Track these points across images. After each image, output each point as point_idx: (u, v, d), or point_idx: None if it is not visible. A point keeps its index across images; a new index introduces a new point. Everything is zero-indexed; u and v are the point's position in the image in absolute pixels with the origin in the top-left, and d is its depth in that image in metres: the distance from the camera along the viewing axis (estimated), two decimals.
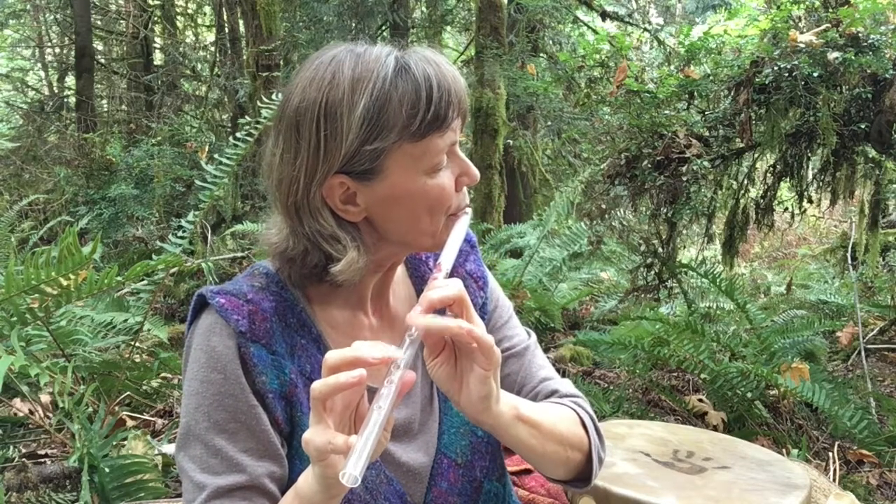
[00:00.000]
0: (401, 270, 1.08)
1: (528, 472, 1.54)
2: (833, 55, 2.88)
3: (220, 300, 0.91)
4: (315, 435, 0.75)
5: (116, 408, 2.65)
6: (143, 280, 3.10)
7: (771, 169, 3.56)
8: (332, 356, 0.76)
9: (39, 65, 11.01)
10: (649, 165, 3.38)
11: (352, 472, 0.70)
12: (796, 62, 2.93)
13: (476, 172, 0.95)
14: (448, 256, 0.90)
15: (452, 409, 1.03)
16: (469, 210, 0.97)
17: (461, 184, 0.94)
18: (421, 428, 1.02)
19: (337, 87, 0.86)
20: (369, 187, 0.89)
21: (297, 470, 0.92)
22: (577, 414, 1.02)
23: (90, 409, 2.31)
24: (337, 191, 0.89)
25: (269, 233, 0.95)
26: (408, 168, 0.88)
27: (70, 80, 10.03)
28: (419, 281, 1.08)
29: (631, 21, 8.50)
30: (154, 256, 2.79)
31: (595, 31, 7.97)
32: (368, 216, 0.92)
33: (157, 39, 10.30)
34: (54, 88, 10.36)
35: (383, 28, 7.52)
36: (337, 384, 0.74)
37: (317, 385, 0.75)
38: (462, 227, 0.94)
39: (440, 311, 0.82)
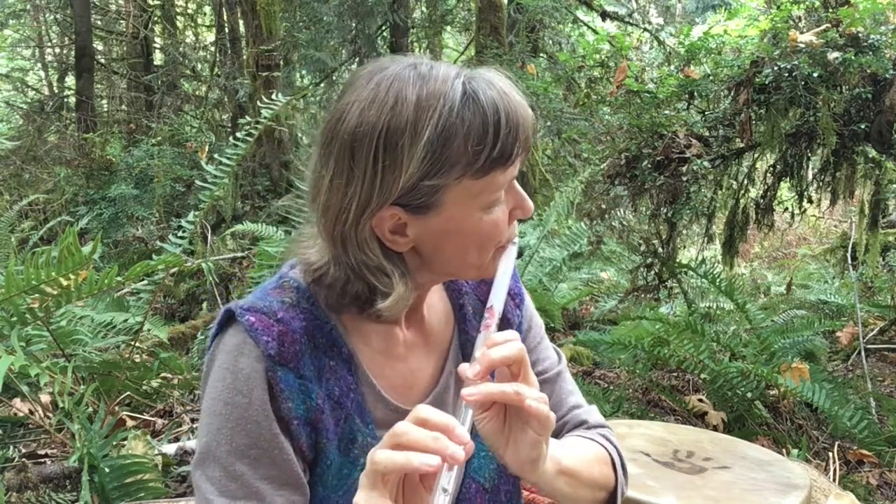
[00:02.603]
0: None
1: None
2: (833, 55, 2.88)
3: (251, 318, 0.87)
4: (369, 503, 0.71)
5: (116, 408, 2.65)
6: (143, 280, 3.11)
7: (771, 169, 3.56)
8: (403, 434, 0.71)
9: (39, 65, 11.01)
10: (649, 165, 3.38)
11: None
12: (796, 62, 2.93)
13: (531, 206, 0.90)
14: (499, 297, 0.87)
15: None
16: (517, 240, 0.93)
17: (514, 216, 0.91)
18: None
19: (400, 114, 0.80)
20: (422, 220, 0.85)
21: (318, 496, 0.90)
22: (608, 452, 1.01)
23: (90, 409, 2.31)
24: (387, 221, 0.84)
25: (308, 252, 0.91)
26: (465, 204, 0.84)
27: (70, 80, 10.02)
28: (456, 294, 1.05)
29: (631, 21, 8.49)
30: (154, 256, 2.79)
31: (595, 31, 7.97)
32: (416, 246, 0.88)
33: (157, 39, 10.30)
34: (54, 88, 10.36)
35: (383, 28, 7.52)
36: (408, 466, 0.69)
37: (381, 458, 0.70)
38: (510, 261, 0.91)
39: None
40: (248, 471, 0.85)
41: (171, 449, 2.47)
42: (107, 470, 2.00)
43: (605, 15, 8.17)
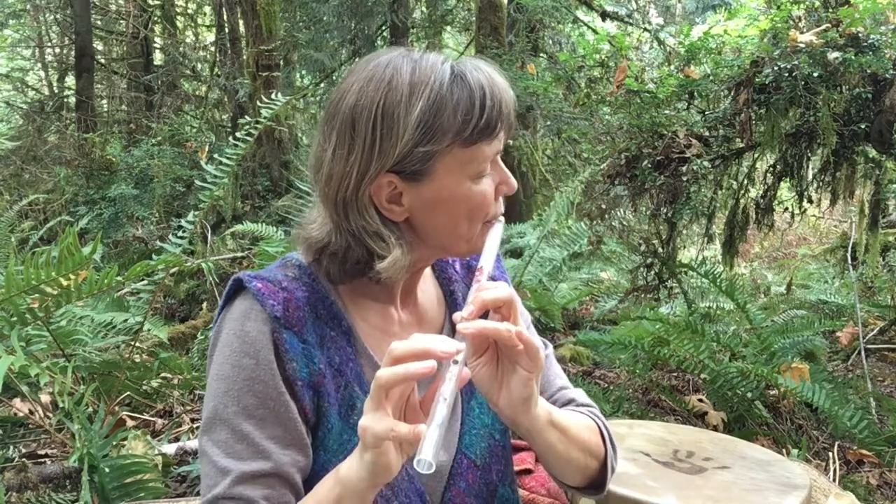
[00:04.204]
0: (427, 271, 1.10)
1: (528, 472, 1.54)
2: (833, 55, 2.87)
3: (258, 284, 0.93)
4: (374, 422, 0.76)
5: (116, 408, 2.66)
6: (143, 280, 3.10)
7: (771, 169, 3.56)
8: (399, 347, 0.77)
9: (39, 65, 11.00)
10: (649, 165, 3.38)
11: (426, 459, 0.71)
12: (796, 62, 2.92)
13: (514, 183, 0.97)
14: (488, 260, 0.93)
15: (474, 409, 1.05)
16: (502, 219, 0.99)
17: (499, 192, 0.97)
18: None
19: (395, 89, 0.88)
20: (416, 188, 0.91)
21: (320, 460, 0.93)
22: (596, 423, 1.05)
23: (90, 409, 2.31)
24: (385, 189, 0.91)
25: (310, 227, 0.97)
26: (455, 172, 0.91)
27: (70, 80, 10.01)
28: (446, 282, 1.11)
29: (631, 21, 8.49)
30: (154, 256, 2.79)
31: (595, 31, 7.95)
32: (410, 217, 0.94)
33: (157, 39, 10.30)
34: (54, 88, 10.35)
35: (383, 28, 7.51)
36: (407, 374, 0.75)
37: (384, 373, 0.76)
38: (497, 234, 0.97)
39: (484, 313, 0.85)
40: (255, 430, 0.89)
41: (171, 449, 2.47)
42: (107, 470, 2.00)
43: (605, 15, 8.16)
